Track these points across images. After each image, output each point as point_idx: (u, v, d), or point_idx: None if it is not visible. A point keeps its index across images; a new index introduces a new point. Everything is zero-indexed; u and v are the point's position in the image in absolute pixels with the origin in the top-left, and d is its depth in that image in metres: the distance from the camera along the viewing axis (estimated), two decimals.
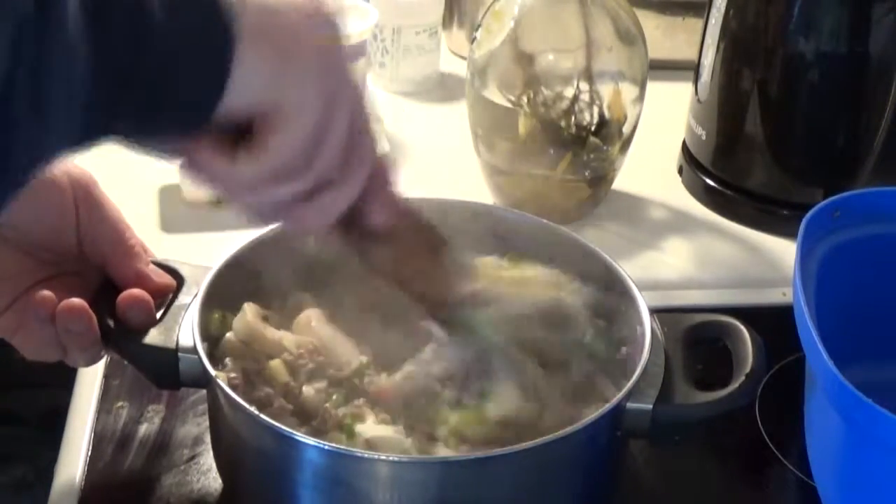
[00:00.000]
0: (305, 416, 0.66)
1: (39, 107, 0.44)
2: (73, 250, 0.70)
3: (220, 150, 0.54)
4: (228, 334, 0.69)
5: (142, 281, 0.69)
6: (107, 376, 0.79)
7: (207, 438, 0.73)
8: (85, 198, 0.69)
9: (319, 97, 0.54)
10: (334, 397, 0.66)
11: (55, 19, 0.44)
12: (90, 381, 0.79)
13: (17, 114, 0.43)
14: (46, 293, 0.67)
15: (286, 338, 0.69)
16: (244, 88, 0.51)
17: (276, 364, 0.68)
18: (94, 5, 0.46)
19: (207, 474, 0.72)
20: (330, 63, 0.55)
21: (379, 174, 0.62)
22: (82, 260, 0.70)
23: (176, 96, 0.51)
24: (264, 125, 0.53)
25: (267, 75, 0.52)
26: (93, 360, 0.71)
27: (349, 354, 0.68)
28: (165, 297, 0.70)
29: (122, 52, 0.47)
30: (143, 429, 0.75)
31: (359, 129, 0.57)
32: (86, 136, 0.49)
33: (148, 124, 0.52)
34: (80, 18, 0.45)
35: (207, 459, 0.73)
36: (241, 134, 0.54)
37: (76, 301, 0.66)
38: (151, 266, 0.70)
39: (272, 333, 0.69)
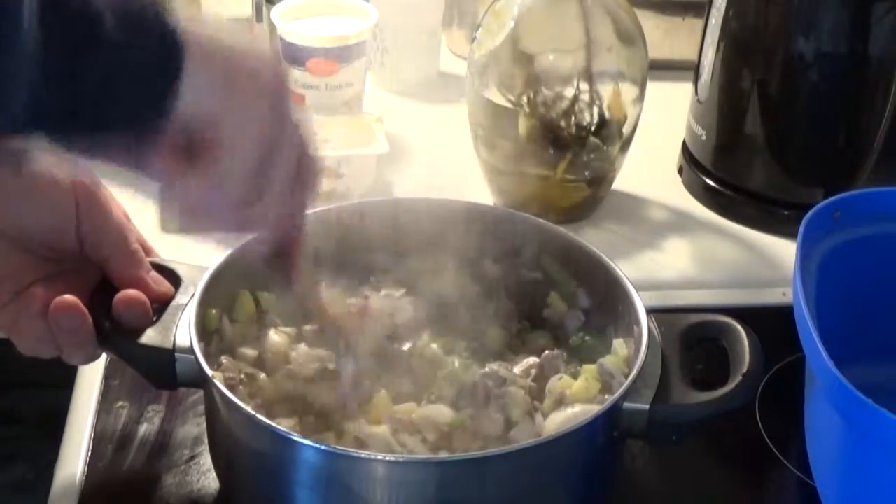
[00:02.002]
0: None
1: None
2: (74, 250, 0.70)
3: (171, 162, 0.58)
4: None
5: (140, 287, 0.69)
6: (107, 376, 0.79)
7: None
8: (86, 199, 0.69)
9: (261, 120, 0.58)
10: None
11: (10, 24, 0.48)
12: (90, 381, 0.79)
13: None
14: (39, 289, 0.67)
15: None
16: (189, 106, 0.55)
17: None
18: (48, 13, 0.50)
19: (207, 474, 0.72)
20: (273, 92, 0.59)
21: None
22: (83, 258, 0.70)
23: (128, 94, 0.54)
24: (209, 144, 0.57)
25: (211, 97, 0.56)
26: (89, 358, 0.71)
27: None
28: (163, 302, 0.70)
29: (72, 52, 0.51)
30: (143, 429, 0.76)
31: (304, 158, 0.62)
32: (29, 124, 0.52)
33: (101, 122, 0.54)
34: (34, 22, 0.49)
35: (207, 459, 0.73)
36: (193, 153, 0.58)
37: (68, 298, 0.66)
38: (152, 273, 0.71)
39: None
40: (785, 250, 0.97)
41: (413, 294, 0.76)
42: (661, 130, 1.07)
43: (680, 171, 1.07)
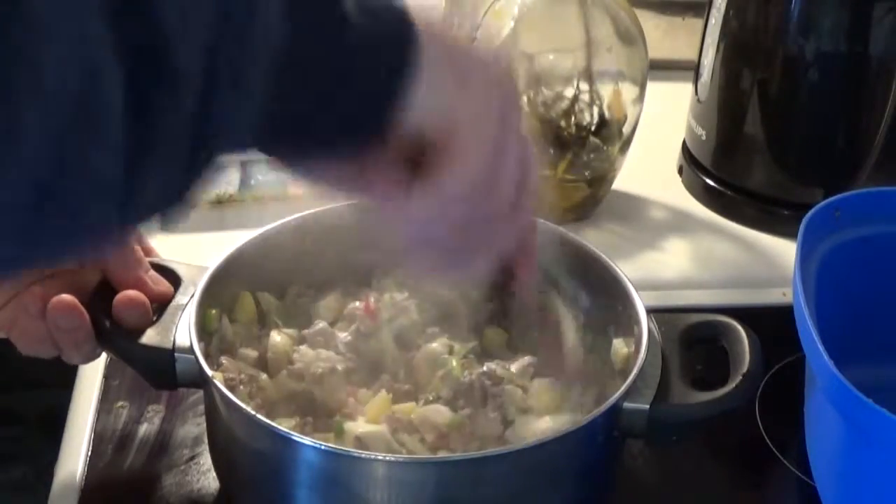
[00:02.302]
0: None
1: (237, 83, 0.43)
2: None
3: (395, 179, 0.52)
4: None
5: (140, 288, 0.69)
6: (107, 376, 0.79)
7: None
8: None
9: (496, 125, 0.53)
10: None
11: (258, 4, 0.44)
12: (90, 381, 0.79)
13: (220, 86, 0.42)
14: (37, 289, 0.67)
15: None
16: (422, 106, 0.50)
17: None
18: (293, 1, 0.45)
19: (207, 474, 0.72)
20: (505, 95, 0.54)
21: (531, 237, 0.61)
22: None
23: (355, 99, 0.49)
24: (441, 152, 0.52)
25: (445, 96, 0.51)
26: (88, 358, 0.71)
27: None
28: (163, 302, 0.70)
29: (314, 43, 0.47)
30: (143, 429, 0.76)
31: (529, 166, 0.56)
32: (264, 125, 0.47)
33: (321, 125, 0.50)
34: (280, 8, 0.45)
35: (207, 459, 0.73)
36: (416, 168, 0.52)
37: (66, 297, 0.67)
38: (151, 273, 0.71)
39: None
40: (785, 250, 0.97)
41: (414, 294, 0.76)
42: (661, 130, 1.07)
43: (680, 171, 1.07)
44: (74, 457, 0.73)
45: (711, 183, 1.02)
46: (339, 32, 0.47)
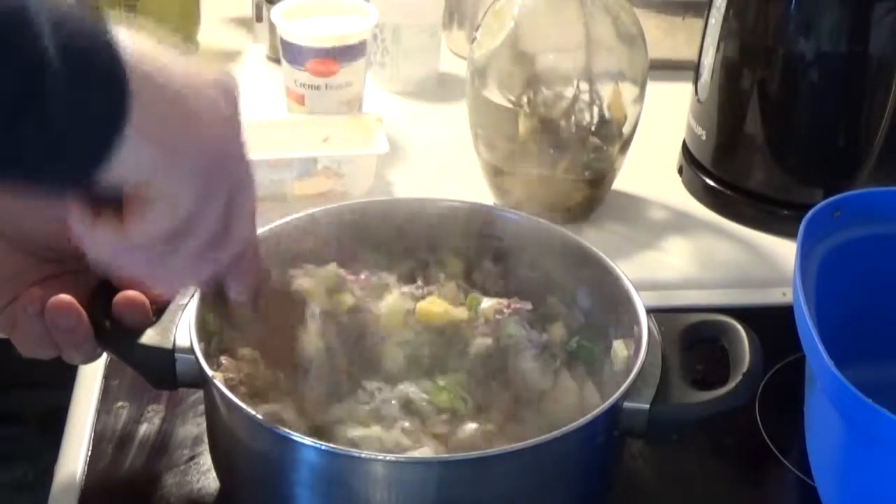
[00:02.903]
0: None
1: None
2: (74, 250, 0.69)
3: (93, 210, 0.55)
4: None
5: (140, 288, 0.69)
6: (107, 376, 0.79)
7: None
8: None
9: (195, 190, 0.55)
10: None
11: None
12: (90, 381, 0.79)
13: None
14: (37, 290, 0.67)
15: None
16: (125, 163, 0.51)
17: None
18: None
19: (207, 474, 0.72)
20: (215, 153, 0.55)
21: (248, 254, 0.63)
22: (83, 259, 0.70)
23: (62, 153, 0.50)
24: (139, 200, 0.54)
25: (148, 159, 0.52)
26: (88, 358, 0.71)
27: None
28: (163, 302, 0.70)
29: (14, 88, 0.47)
30: (143, 429, 0.76)
31: (234, 214, 0.58)
32: None
33: (36, 170, 0.50)
34: None
35: (207, 459, 0.73)
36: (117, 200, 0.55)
37: (64, 297, 0.66)
38: None
39: None
40: (785, 250, 0.97)
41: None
42: (661, 130, 1.07)
43: (680, 171, 1.07)
44: (74, 457, 0.73)
45: (711, 183, 1.02)
46: (40, 98, 0.47)
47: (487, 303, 0.72)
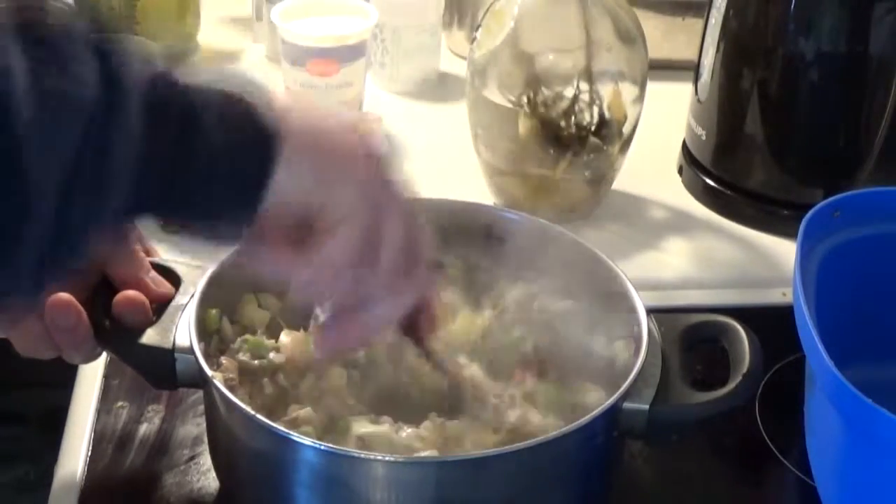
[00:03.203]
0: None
1: (100, 183, 0.51)
2: None
3: (283, 245, 0.58)
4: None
5: (140, 288, 0.69)
6: (107, 376, 0.79)
7: None
8: None
9: (364, 201, 0.57)
10: None
11: (120, 115, 0.51)
12: (90, 381, 0.79)
13: (81, 187, 0.50)
14: None
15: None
16: (287, 190, 0.55)
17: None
18: (153, 106, 0.52)
19: (207, 474, 0.72)
20: (372, 172, 0.59)
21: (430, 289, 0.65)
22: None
23: (221, 192, 0.55)
24: (320, 227, 0.57)
25: (309, 178, 0.56)
26: (88, 357, 0.71)
27: None
28: (163, 302, 0.70)
29: (172, 144, 0.53)
30: (143, 429, 0.76)
31: (415, 239, 0.60)
32: (136, 210, 0.55)
33: (198, 210, 0.56)
34: (141, 115, 0.51)
35: (207, 459, 0.73)
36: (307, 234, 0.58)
37: (63, 296, 0.66)
38: (152, 273, 0.71)
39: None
40: (785, 250, 0.97)
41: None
42: (661, 130, 1.07)
43: (680, 171, 1.07)
44: (74, 457, 0.73)
45: (711, 183, 1.02)
46: (197, 137, 0.53)
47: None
